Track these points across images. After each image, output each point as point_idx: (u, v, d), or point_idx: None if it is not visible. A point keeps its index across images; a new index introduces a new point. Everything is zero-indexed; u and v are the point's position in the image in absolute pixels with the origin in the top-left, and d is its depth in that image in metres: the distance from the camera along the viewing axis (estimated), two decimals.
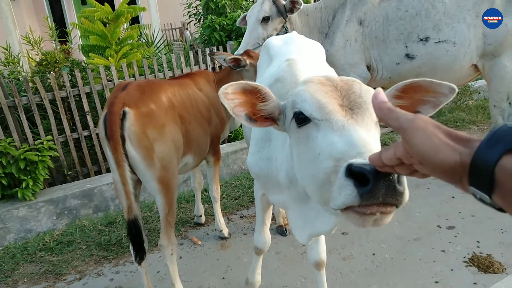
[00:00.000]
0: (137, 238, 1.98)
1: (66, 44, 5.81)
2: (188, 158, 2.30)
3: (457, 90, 0.98)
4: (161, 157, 1.96)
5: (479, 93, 6.14)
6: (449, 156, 0.57)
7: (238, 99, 1.15)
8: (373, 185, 0.75)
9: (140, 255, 2.02)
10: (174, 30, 13.11)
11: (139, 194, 2.24)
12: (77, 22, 5.37)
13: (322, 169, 0.95)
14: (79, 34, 5.74)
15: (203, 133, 2.40)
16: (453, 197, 3.43)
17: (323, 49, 2.42)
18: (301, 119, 1.06)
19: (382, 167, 0.72)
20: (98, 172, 4.80)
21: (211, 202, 3.65)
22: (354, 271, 2.62)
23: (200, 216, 3.33)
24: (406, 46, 3.44)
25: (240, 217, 3.42)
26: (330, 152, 0.94)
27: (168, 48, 8.79)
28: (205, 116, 2.44)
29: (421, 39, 3.39)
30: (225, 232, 3.10)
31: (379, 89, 0.74)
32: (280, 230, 3.07)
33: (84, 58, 5.90)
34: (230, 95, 1.13)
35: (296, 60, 1.82)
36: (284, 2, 3.54)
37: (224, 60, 2.91)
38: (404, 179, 0.78)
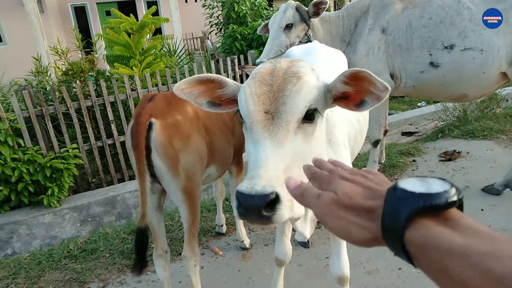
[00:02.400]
0: (141, 248, 2.01)
1: (91, 54, 5.97)
2: (211, 169, 2.30)
3: (390, 89, 1.01)
4: (186, 168, 1.97)
5: (507, 100, 5.95)
6: (361, 236, 0.55)
7: (197, 90, 1.22)
8: (245, 211, 0.87)
9: (140, 265, 2.04)
10: (195, 40, 13.31)
11: (163, 204, 2.25)
12: (102, 33, 5.52)
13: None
14: (104, 45, 5.91)
15: (227, 143, 2.40)
16: (482, 209, 3.31)
17: (345, 58, 2.39)
18: (242, 117, 1.13)
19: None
20: (121, 180, 4.88)
21: (232, 212, 3.65)
22: (379, 286, 2.55)
23: (222, 225, 3.32)
24: (430, 54, 3.37)
25: (262, 227, 3.39)
26: (249, 161, 1.05)
27: (190, 57, 8.92)
28: (228, 126, 2.45)
29: (446, 47, 3.32)
30: (247, 242, 3.08)
31: (289, 177, 0.72)
32: (303, 243, 3.03)
33: (108, 68, 6.06)
34: (186, 90, 1.20)
35: (317, 70, 1.80)
36: (307, 9, 3.53)
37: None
38: (280, 205, 0.89)
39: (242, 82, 1.69)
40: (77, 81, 4.57)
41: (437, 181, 0.53)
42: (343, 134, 1.74)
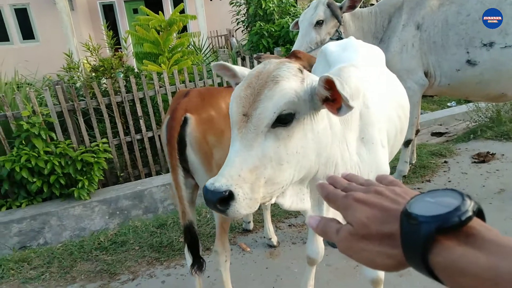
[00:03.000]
0: (193, 244, 1.99)
1: (119, 51, 6.08)
2: None
3: (350, 103, 1.05)
4: (219, 163, 1.96)
5: None
6: (387, 263, 0.54)
7: (225, 73, 1.40)
8: (206, 201, 1.04)
9: (197, 264, 2.02)
10: (219, 37, 13.37)
11: (195, 199, 2.26)
12: (130, 30, 5.60)
13: None
14: (131, 42, 6.01)
15: None
16: None
17: (383, 54, 2.34)
18: None
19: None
20: (148, 175, 4.96)
21: (259, 209, 3.64)
22: None
23: (249, 222, 3.32)
24: (468, 52, 3.26)
25: (288, 225, 3.37)
26: None
27: (215, 55, 8.97)
28: None
29: (485, 44, 3.19)
30: (274, 240, 3.06)
31: (310, 216, 0.70)
32: (331, 242, 2.98)
33: (135, 63, 6.17)
34: (218, 71, 1.41)
35: (353, 66, 1.76)
36: (340, 5, 3.47)
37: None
38: (234, 202, 1.02)
39: None
40: (108, 77, 4.66)
41: (448, 196, 0.51)
42: (382, 132, 1.69)
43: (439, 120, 6.21)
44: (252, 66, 5.24)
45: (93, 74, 5.06)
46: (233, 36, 10.70)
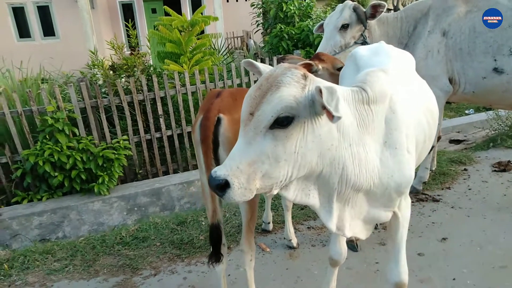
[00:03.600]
0: (216, 242, 2.03)
1: (138, 51, 6.16)
2: None
3: (335, 115, 1.17)
4: None
5: None
6: None
7: (253, 70, 1.54)
8: (209, 185, 1.27)
9: (216, 258, 2.06)
10: (235, 39, 13.45)
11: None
12: (148, 29, 5.68)
13: None
14: (152, 42, 6.08)
15: None
16: None
17: (414, 59, 2.33)
18: None
19: None
20: (166, 173, 5.01)
21: (277, 210, 3.65)
22: None
23: (269, 223, 3.34)
24: (495, 60, 3.23)
25: (307, 227, 3.38)
26: None
27: (231, 57, 9.02)
28: None
29: None
30: (294, 241, 3.08)
31: None
32: (351, 245, 2.98)
33: (152, 62, 6.26)
34: (247, 67, 1.57)
35: (383, 71, 1.77)
36: (364, 10, 3.48)
37: None
38: (230, 190, 1.22)
39: None
40: (131, 76, 4.73)
41: None
42: (410, 138, 1.68)
43: (457, 127, 6.15)
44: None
45: (111, 72, 5.14)
46: (250, 38, 10.75)
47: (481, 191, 3.80)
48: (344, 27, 3.50)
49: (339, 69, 2.45)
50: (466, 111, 7.40)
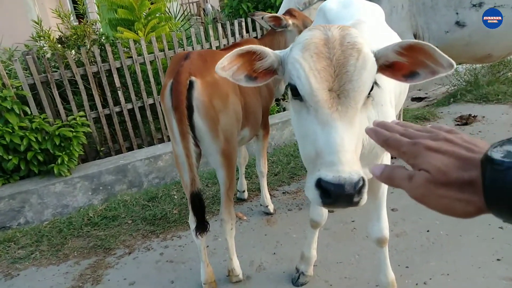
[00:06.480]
0: (199, 211, 1.94)
1: (86, 19, 5.69)
2: (245, 131, 2.22)
3: (455, 66, 0.95)
4: (225, 129, 1.88)
5: None
6: (466, 210, 0.56)
7: (236, 65, 1.13)
8: (334, 200, 0.87)
9: (201, 228, 1.98)
10: (191, 4, 12.84)
11: (198, 167, 2.18)
12: None
13: (307, 150, 1.02)
14: (97, 9, 5.62)
15: (258, 105, 2.31)
16: None
17: (383, 12, 2.28)
18: (296, 93, 1.05)
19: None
20: (130, 149, 4.79)
21: (251, 178, 3.60)
22: (409, 248, 2.55)
23: (244, 191, 3.28)
24: (457, 13, 3.25)
25: (283, 193, 3.36)
26: (313, 141, 0.98)
27: (188, 23, 8.61)
28: (257, 88, 2.34)
29: (474, 5, 3.19)
30: (271, 208, 3.05)
31: (374, 166, 0.67)
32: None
33: (102, 30, 5.82)
34: (227, 66, 1.11)
35: (363, 22, 1.71)
36: None
37: (262, 18, 2.76)
38: (365, 189, 0.90)
39: None
40: (81, 47, 4.37)
41: None
42: (390, 92, 1.67)
43: (418, 85, 6.30)
44: (232, 33, 5.06)
45: (59, 45, 4.72)
46: (207, 2, 10.30)
47: None
48: None
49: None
50: None
